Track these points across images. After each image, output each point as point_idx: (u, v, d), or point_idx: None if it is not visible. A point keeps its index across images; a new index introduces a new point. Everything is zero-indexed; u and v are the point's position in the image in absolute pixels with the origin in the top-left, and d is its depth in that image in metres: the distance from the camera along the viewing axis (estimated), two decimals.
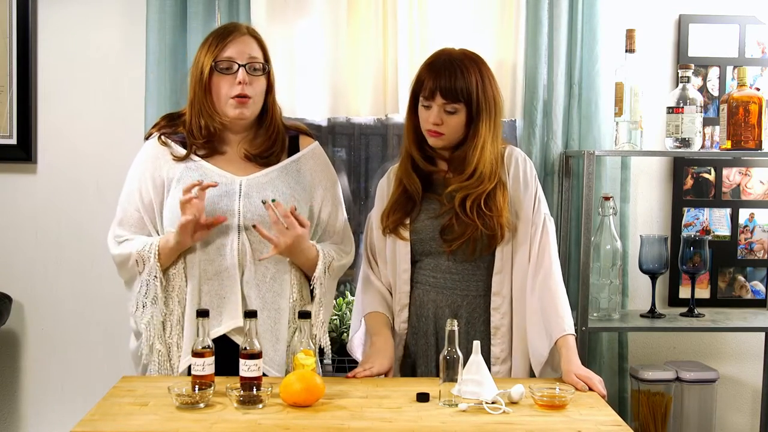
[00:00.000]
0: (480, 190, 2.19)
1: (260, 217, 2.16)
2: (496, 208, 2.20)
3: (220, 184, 2.17)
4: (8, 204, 3.04)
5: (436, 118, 2.19)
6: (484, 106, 2.19)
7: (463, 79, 2.17)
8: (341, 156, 3.21)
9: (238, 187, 2.19)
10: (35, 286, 3.06)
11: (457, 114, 2.19)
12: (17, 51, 2.97)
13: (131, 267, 2.18)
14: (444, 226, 2.24)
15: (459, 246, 2.22)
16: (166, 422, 1.79)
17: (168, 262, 2.17)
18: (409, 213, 2.29)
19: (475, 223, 2.18)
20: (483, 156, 2.20)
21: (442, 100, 2.18)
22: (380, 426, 1.78)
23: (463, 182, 2.21)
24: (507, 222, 2.21)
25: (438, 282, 2.28)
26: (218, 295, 2.17)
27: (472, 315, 2.27)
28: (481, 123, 2.20)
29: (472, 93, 2.18)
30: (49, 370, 3.08)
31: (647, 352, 3.12)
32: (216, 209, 2.15)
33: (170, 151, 2.23)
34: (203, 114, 2.19)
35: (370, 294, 2.34)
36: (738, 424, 3.15)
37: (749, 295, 3.13)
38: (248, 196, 2.18)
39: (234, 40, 2.18)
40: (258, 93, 2.20)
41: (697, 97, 2.78)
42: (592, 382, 2.07)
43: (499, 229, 2.20)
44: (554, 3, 2.91)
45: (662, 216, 3.10)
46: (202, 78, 2.18)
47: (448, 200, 2.23)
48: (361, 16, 2.96)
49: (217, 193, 2.17)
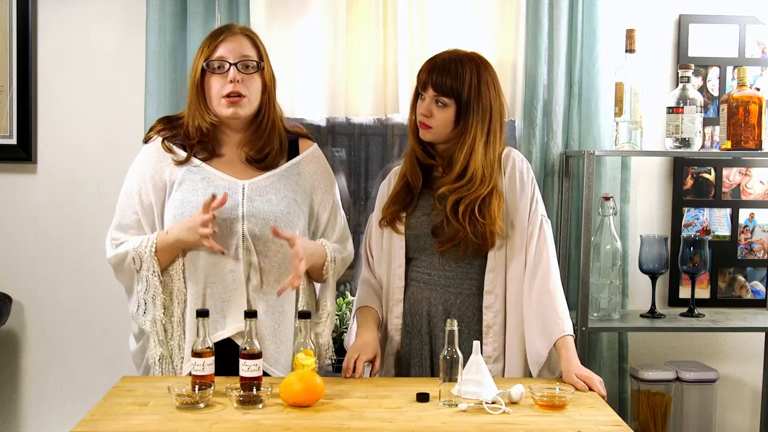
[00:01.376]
0: (474, 195, 2.19)
1: (264, 220, 2.17)
2: (489, 216, 2.19)
3: (224, 187, 2.17)
4: (8, 204, 3.04)
5: (425, 109, 2.22)
6: (475, 107, 2.20)
7: (455, 76, 2.20)
8: (341, 156, 3.21)
9: (240, 190, 2.19)
10: (35, 286, 3.06)
11: (446, 108, 2.21)
12: (17, 51, 2.97)
13: (128, 266, 2.17)
14: (435, 225, 2.25)
15: (449, 248, 2.23)
16: (166, 422, 1.79)
17: (166, 259, 2.16)
18: (406, 207, 2.30)
19: (465, 229, 2.19)
20: (473, 158, 2.20)
21: (433, 92, 2.21)
22: (380, 426, 1.78)
23: (453, 184, 2.21)
24: (500, 230, 2.21)
25: (432, 279, 2.28)
26: (221, 298, 2.17)
27: (465, 313, 2.27)
28: (470, 124, 2.21)
29: (462, 90, 2.19)
30: (49, 370, 3.08)
31: (647, 352, 3.12)
32: (220, 212, 2.14)
33: (172, 155, 2.22)
34: (196, 115, 2.19)
35: (365, 290, 2.38)
36: (738, 424, 3.15)
37: (749, 295, 3.13)
38: (251, 200, 2.18)
39: (225, 39, 2.18)
40: (253, 92, 2.19)
41: (697, 97, 2.78)
42: (592, 382, 2.07)
43: (490, 237, 2.20)
44: (554, 3, 2.91)
45: (662, 216, 3.10)
46: (195, 79, 2.19)
47: (440, 201, 2.24)
48: (361, 17, 2.96)
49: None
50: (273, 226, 2.13)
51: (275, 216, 2.19)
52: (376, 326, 2.30)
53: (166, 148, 2.23)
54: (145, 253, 2.14)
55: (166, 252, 2.15)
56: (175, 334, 2.18)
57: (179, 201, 2.17)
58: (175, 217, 2.16)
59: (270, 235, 2.15)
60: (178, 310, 2.18)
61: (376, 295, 2.36)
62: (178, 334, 2.18)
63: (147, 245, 2.14)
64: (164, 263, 2.17)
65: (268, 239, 2.17)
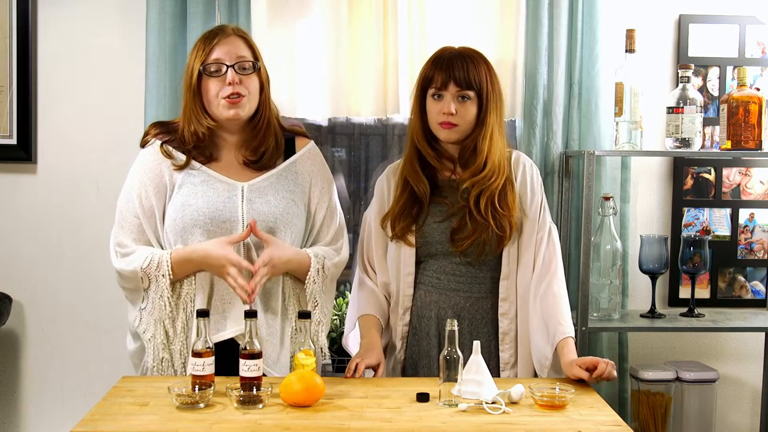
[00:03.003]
0: (493, 186, 2.21)
1: (263, 222, 2.17)
2: (507, 207, 2.22)
3: (223, 190, 2.17)
4: (8, 204, 3.04)
5: (449, 107, 2.20)
6: (492, 97, 2.23)
7: (474, 69, 2.21)
8: (341, 156, 3.21)
9: (240, 192, 2.19)
10: (35, 286, 3.06)
11: (470, 103, 2.22)
12: (17, 51, 2.97)
13: (134, 281, 2.16)
14: (454, 227, 2.24)
15: (469, 245, 2.23)
16: (166, 422, 1.79)
17: (183, 275, 2.15)
18: (416, 218, 2.29)
19: (487, 222, 2.20)
20: (492, 147, 2.23)
21: (456, 88, 2.20)
22: (380, 426, 1.78)
23: (475, 177, 2.22)
24: (517, 221, 2.24)
25: (441, 284, 2.28)
26: (223, 300, 2.17)
27: (475, 317, 2.27)
28: (490, 114, 2.23)
29: (483, 82, 2.21)
30: (49, 370, 3.08)
31: (647, 352, 3.12)
32: (220, 215, 2.15)
33: (171, 159, 2.21)
34: (192, 119, 2.19)
35: (363, 296, 2.36)
36: (738, 424, 3.15)
37: (749, 295, 3.13)
38: (251, 201, 2.19)
39: (220, 41, 2.17)
40: (252, 91, 2.19)
41: (697, 97, 2.78)
42: (596, 361, 2.04)
43: (509, 228, 2.22)
44: (554, 3, 2.91)
45: (662, 216, 3.10)
46: (191, 83, 2.18)
47: (463, 198, 2.23)
48: (362, 17, 2.96)
49: (221, 198, 2.17)
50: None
51: (274, 217, 2.19)
52: (378, 334, 2.29)
53: (164, 152, 2.22)
54: (158, 276, 2.12)
55: (181, 274, 2.15)
56: (177, 339, 2.17)
57: (179, 204, 2.17)
58: (175, 221, 2.16)
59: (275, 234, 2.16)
60: (183, 315, 2.16)
61: (377, 302, 2.35)
62: (181, 340, 2.16)
63: (160, 269, 2.12)
64: (179, 278, 2.16)
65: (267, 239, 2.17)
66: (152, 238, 2.20)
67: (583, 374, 2.05)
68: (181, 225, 2.16)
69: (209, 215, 2.15)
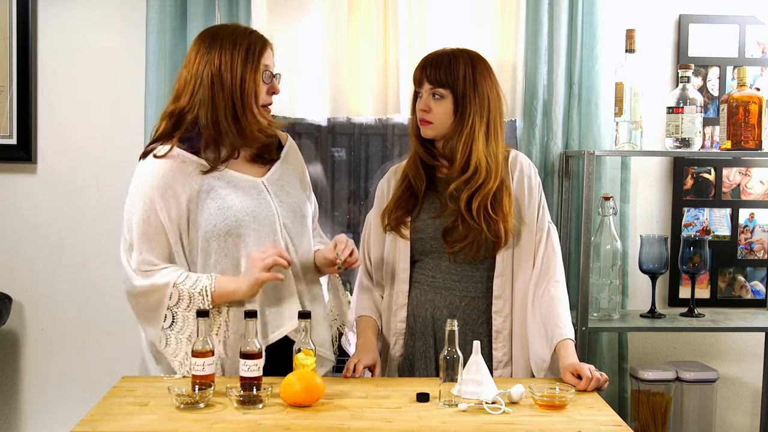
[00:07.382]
0: (485, 189, 2.19)
1: (291, 212, 2.20)
2: (502, 213, 2.20)
3: (250, 187, 2.16)
4: (8, 204, 3.04)
5: (423, 104, 2.23)
6: (471, 97, 2.21)
7: (449, 67, 2.21)
8: (341, 156, 3.21)
9: (264, 187, 2.19)
10: (35, 286, 3.06)
11: (443, 101, 2.22)
12: (17, 51, 2.97)
13: (161, 297, 2.06)
14: (447, 227, 2.24)
15: (461, 248, 2.23)
16: (166, 422, 1.79)
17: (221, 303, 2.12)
18: (410, 211, 2.29)
19: (480, 227, 2.19)
20: (474, 148, 2.20)
21: (428, 85, 2.22)
22: (380, 426, 1.78)
23: (459, 179, 2.22)
24: (512, 227, 2.22)
25: (436, 282, 2.28)
26: (275, 297, 2.15)
27: (470, 316, 2.27)
28: (468, 115, 2.20)
29: (458, 80, 2.20)
30: (49, 370, 3.08)
31: (647, 352, 3.12)
32: (260, 212, 2.14)
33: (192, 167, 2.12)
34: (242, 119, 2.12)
35: (363, 297, 2.38)
36: (738, 424, 3.15)
37: (749, 295, 3.13)
38: (276, 195, 2.20)
39: (265, 47, 2.16)
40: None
41: (697, 97, 2.78)
42: (581, 369, 2.05)
43: (504, 234, 2.21)
44: (554, 3, 2.91)
45: (662, 216, 3.11)
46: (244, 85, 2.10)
47: (451, 201, 2.23)
48: (362, 16, 2.96)
49: (253, 196, 2.15)
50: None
51: (298, 206, 2.23)
52: (375, 336, 2.31)
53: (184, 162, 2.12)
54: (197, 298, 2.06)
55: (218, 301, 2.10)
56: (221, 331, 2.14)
57: (216, 209, 2.11)
58: (216, 225, 2.10)
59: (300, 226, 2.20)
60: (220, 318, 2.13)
61: (374, 304, 2.36)
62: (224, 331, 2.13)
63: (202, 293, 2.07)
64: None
65: (298, 230, 2.20)
66: (177, 250, 2.12)
67: (574, 381, 2.06)
68: (225, 229, 2.10)
69: (251, 214, 2.13)
